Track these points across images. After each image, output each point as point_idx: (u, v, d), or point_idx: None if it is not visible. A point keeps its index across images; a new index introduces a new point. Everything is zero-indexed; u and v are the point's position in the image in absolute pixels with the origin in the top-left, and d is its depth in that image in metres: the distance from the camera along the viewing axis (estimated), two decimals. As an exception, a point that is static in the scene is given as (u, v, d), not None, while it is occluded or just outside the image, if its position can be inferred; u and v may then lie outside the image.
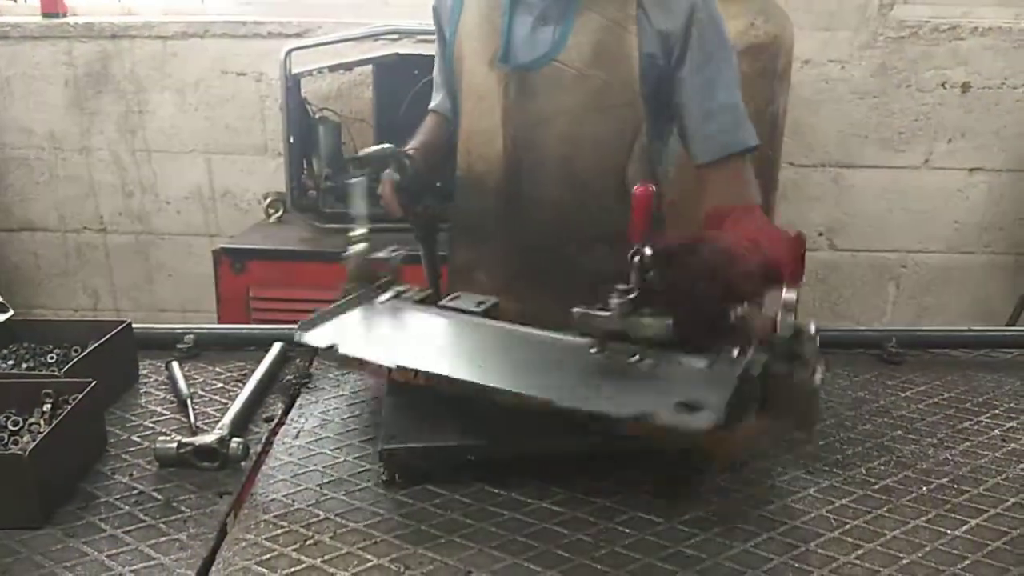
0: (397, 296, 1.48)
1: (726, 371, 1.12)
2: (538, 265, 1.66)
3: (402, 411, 1.18)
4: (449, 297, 1.48)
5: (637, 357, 1.19)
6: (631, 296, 1.16)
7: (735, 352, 1.14)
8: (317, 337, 1.29)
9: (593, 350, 1.23)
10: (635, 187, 1.20)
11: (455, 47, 1.73)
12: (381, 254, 1.51)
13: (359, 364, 1.23)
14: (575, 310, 1.20)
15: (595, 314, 1.19)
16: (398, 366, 1.15)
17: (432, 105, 1.91)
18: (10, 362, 1.38)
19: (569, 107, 1.60)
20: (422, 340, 1.32)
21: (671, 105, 1.62)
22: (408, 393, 1.20)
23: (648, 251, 1.16)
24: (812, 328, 1.07)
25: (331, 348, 1.23)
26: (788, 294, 1.07)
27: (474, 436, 1.14)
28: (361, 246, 1.48)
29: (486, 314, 1.41)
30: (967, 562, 0.97)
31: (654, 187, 1.21)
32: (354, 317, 1.39)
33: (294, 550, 0.99)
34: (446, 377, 1.14)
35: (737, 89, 1.62)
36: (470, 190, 1.74)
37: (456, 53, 1.73)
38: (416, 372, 1.14)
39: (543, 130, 1.62)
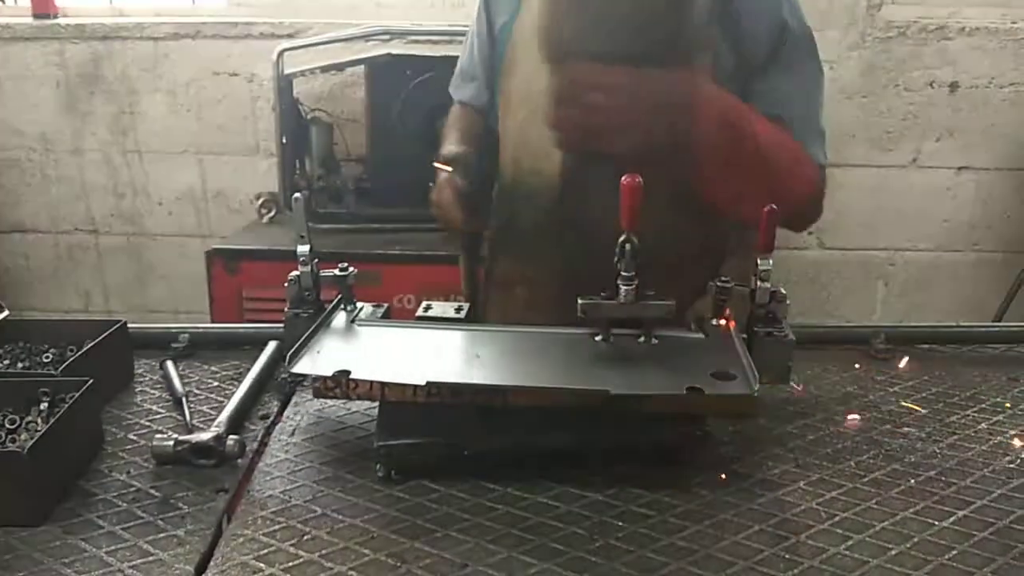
0: (355, 316, 1.38)
1: (724, 340, 1.25)
2: (586, 288, 1.49)
3: (397, 407, 1.19)
4: (422, 308, 1.40)
5: (643, 339, 1.25)
6: (636, 283, 1.20)
7: (720, 322, 1.29)
8: (313, 366, 1.18)
9: (598, 338, 1.26)
10: (623, 177, 1.20)
11: (508, 47, 1.63)
12: (335, 272, 1.38)
13: (372, 388, 1.13)
14: (581, 301, 1.22)
15: (602, 302, 1.22)
16: (428, 383, 1.10)
17: (464, 97, 1.78)
18: (6, 362, 1.38)
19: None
20: (425, 355, 1.26)
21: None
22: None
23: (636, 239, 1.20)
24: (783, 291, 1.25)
25: (343, 373, 1.13)
26: (763, 263, 1.21)
27: (469, 431, 1.15)
28: (305, 268, 1.33)
29: (467, 319, 1.38)
30: (954, 552, 0.99)
31: (640, 178, 1.20)
32: (332, 341, 1.28)
33: (292, 545, 1.00)
34: (487, 386, 1.11)
35: (813, 104, 1.60)
36: (519, 203, 1.64)
37: (509, 54, 1.63)
38: (416, 389, 1.10)
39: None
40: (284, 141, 3.07)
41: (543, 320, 1.60)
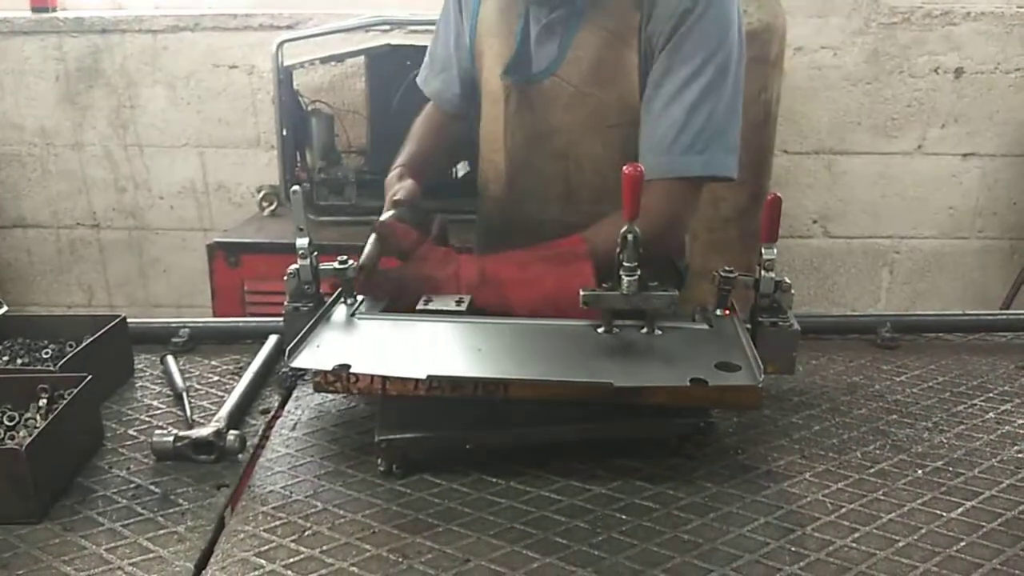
0: (355, 309, 1.36)
1: (728, 330, 1.24)
2: None
3: (398, 401, 1.18)
4: (422, 300, 1.38)
5: (646, 330, 1.24)
6: (638, 273, 1.19)
7: (721, 312, 1.29)
8: (314, 360, 1.17)
9: (600, 330, 1.25)
10: (624, 167, 1.19)
11: (475, 41, 1.66)
12: (334, 265, 1.36)
13: (373, 382, 1.12)
14: (583, 292, 1.21)
15: (605, 294, 1.21)
16: (430, 376, 1.09)
17: (434, 90, 1.78)
18: (5, 358, 1.37)
19: (566, 125, 1.54)
20: (425, 348, 1.24)
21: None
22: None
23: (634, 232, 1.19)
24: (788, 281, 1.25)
25: (343, 367, 1.12)
26: (767, 252, 1.21)
27: (470, 425, 1.15)
28: (304, 261, 1.32)
29: (467, 312, 1.35)
30: (962, 543, 0.98)
31: (641, 168, 1.18)
32: (332, 335, 1.27)
33: (293, 541, 0.99)
34: (489, 379, 1.11)
35: (711, 108, 1.43)
36: (481, 188, 1.72)
37: (476, 48, 1.66)
38: (417, 383, 1.10)
39: (540, 146, 1.57)
40: (284, 133, 3.05)
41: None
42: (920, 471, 1.14)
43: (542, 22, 1.53)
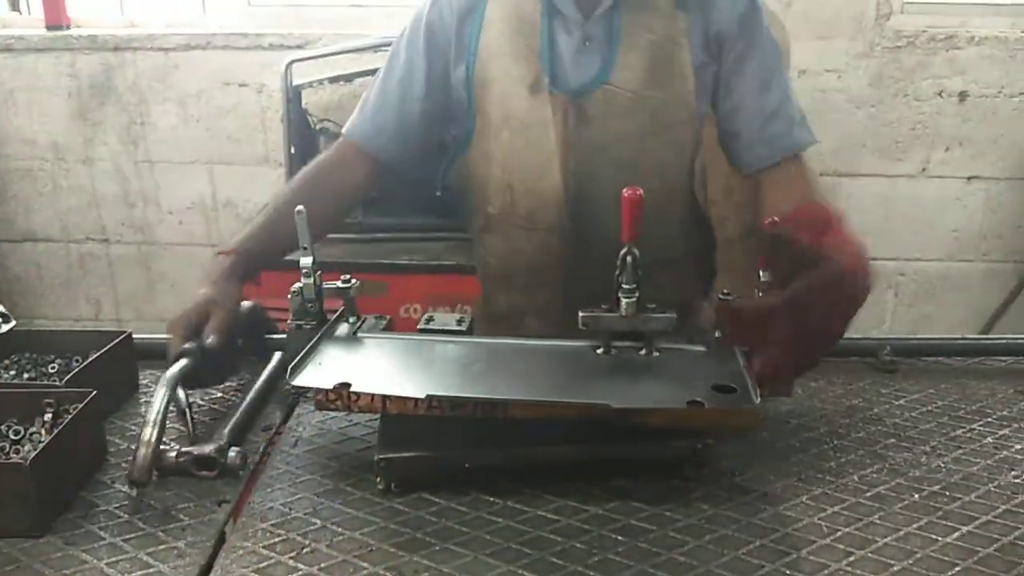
0: (358, 328, 1.37)
1: (726, 352, 1.24)
2: (601, 300, 1.42)
3: (398, 420, 1.19)
4: (424, 319, 1.39)
5: (644, 351, 1.25)
6: (637, 295, 1.20)
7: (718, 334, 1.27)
8: (315, 378, 1.18)
9: (599, 351, 1.26)
10: (624, 190, 1.20)
11: (476, 69, 1.59)
12: (337, 284, 1.37)
13: (374, 401, 1.13)
14: (582, 313, 1.23)
15: (604, 315, 1.22)
16: (429, 396, 1.10)
17: (359, 133, 1.72)
18: (11, 372, 1.39)
19: (627, 131, 1.53)
20: (426, 367, 1.27)
21: (721, 112, 1.58)
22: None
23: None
24: None
25: (344, 386, 1.13)
26: (766, 276, 1.21)
27: (469, 445, 1.15)
28: (308, 280, 1.33)
29: (468, 331, 1.37)
30: (958, 569, 0.98)
31: (641, 191, 1.20)
32: (334, 354, 1.28)
33: (291, 558, 1.00)
34: (488, 399, 1.11)
35: (788, 86, 1.57)
36: (513, 230, 1.62)
37: (478, 76, 1.59)
38: (416, 402, 1.11)
39: (601, 158, 1.53)
40: (293, 151, 3.08)
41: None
42: (917, 495, 1.14)
43: (577, 31, 1.53)
